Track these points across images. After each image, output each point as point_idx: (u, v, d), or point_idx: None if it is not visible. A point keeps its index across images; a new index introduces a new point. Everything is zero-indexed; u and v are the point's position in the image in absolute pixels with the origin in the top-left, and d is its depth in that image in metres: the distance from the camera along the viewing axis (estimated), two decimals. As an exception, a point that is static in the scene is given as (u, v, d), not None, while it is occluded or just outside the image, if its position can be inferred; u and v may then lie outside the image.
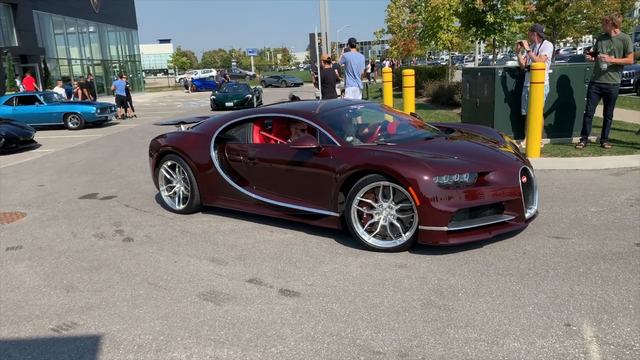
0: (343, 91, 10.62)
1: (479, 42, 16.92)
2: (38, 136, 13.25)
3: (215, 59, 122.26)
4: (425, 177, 3.99)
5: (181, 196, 5.85)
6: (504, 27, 14.69)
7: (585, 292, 3.38)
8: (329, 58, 10.84)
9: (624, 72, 12.80)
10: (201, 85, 41.79)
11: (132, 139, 13.48)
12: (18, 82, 21.59)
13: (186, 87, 43.42)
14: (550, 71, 7.98)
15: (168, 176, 5.95)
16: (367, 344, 2.92)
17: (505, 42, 16.41)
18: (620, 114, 10.64)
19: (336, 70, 11.08)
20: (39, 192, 7.37)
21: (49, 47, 29.74)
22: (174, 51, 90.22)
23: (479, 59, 30.85)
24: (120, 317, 3.40)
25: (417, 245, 4.21)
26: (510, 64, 34.76)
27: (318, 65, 12.48)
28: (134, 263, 4.38)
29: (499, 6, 14.28)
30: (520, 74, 8.11)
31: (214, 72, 52.66)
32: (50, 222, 5.77)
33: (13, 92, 19.94)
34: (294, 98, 14.40)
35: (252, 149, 5.29)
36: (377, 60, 46.48)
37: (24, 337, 3.20)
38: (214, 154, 5.47)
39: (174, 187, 5.94)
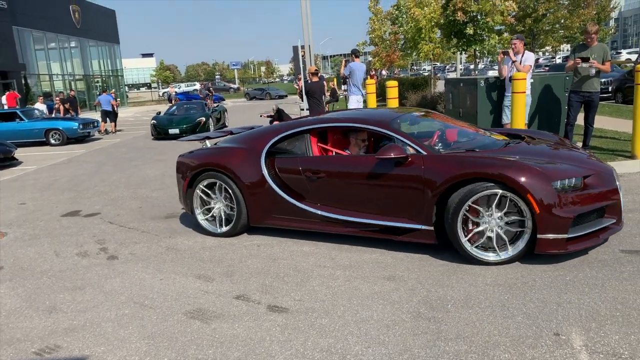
0: (336, 100, 10.77)
1: (461, 53, 17.15)
2: (19, 153, 13.04)
3: (199, 73, 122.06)
4: (544, 183, 3.82)
5: (222, 217, 5.35)
6: (484, 38, 14.93)
7: (573, 301, 3.40)
8: (316, 70, 10.91)
9: (602, 79, 13.05)
10: (185, 98, 41.49)
11: (115, 154, 13.34)
12: (4, 99, 21.19)
13: (170, 100, 42.97)
14: (532, 80, 8.10)
15: (205, 197, 5.44)
16: (357, 359, 2.89)
17: (486, 52, 16.66)
18: (600, 122, 10.82)
19: (331, 83, 11.29)
20: (20, 211, 7.23)
21: (30, 63, 29.41)
22: (157, 65, 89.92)
23: (461, 69, 31.28)
24: (105, 338, 3.33)
25: (405, 258, 4.19)
26: (491, 73, 35.24)
27: (302, 78, 12.53)
28: (119, 282, 4.30)
29: (479, 17, 14.52)
30: (501, 84, 8.21)
31: (197, 86, 52.50)
32: (32, 241, 5.65)
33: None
34: (279, 111, 14.40)
35: (317, 162, 4.89)
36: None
37: (5, 362, 3.11)
38: (265, 170, 5.05)
39: (211, 208, 5.42)
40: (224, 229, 5.34)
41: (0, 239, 5.84)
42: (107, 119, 19.27)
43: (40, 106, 19.47)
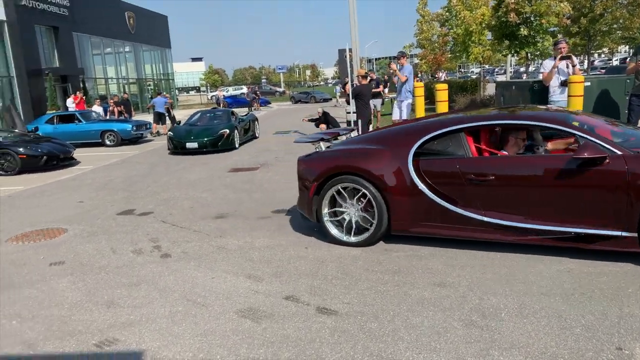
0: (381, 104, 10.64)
1: (512, 55, 16.71)
2: (77, 153, 13.66)
3: (245, 76, 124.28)
4: None
5: (352, 226, 4.94)
6: (538, 40, 14.48)
7: (636, 314, 3.24)
8: (366, 73, 10.86)
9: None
10: (232, 102, 42.41)
11: (167, 155, 13.77)
12: (70, 101, 22.03)
13: (218, 104, 44.15)
14: (588, 84, 7.80)
15: (334, 203, 5.04)
16: (408, 365, 2.86)
17: (538, 54, 16.13)
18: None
19: (381, 86, 11.15)
20: (79, 209, 7.57)
21: (87, 67, 30.80)
22: (206, 69, 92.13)
23: (510, 72, 30.44)
24: (160, 333, 3.44)
25: (455, 264, 4.11)
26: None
27: (349, 81, 12.53)
28: (172, 279, 4.43)
29: (532, 19, 14.09)
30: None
31: (245, 89, 53.47)
32: (90, 238, 5.91)
33: (54, 111, 20.66)
34: (324, 114, 14.45)
35: (483, 164, 4.46)
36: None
37: (68, 353, 3.26)
38: (414, 173, 4.62)
39: (340, 215, 5.02)
40: (357, 238, 4.92)
41: (61, 235, 6.13)
42: (160, 121, 19.90)
43: (97, 109, 20.32)
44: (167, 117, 20.30)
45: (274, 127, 19.80)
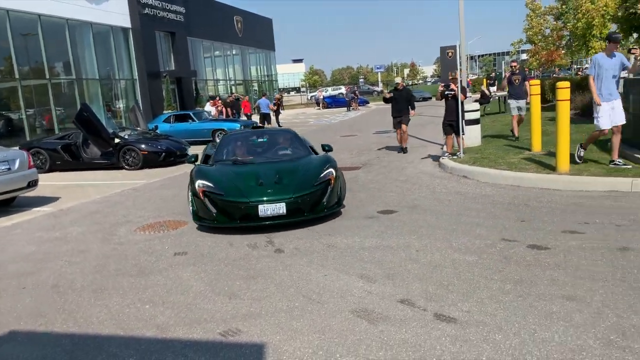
0: (487, 102, 9.75)
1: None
2: (191, 150, 14.58)
3: (343, 76, 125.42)
4: None
5: None
6: (673, 31, 13.00)
7: None
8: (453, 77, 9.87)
9: None
10: (332, 102, 42.98)
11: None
12: (208, 106, 23.42)
13: (317, 104, 45.01)
14: None
15: None
16: (540, 383, 2.68)
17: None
18: None
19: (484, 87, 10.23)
20: (196, 202, 8.03)
21: (199, 70, 32.84)
22: (306, 70, 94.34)
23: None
24: (279, 327, 3.53)
25: (583, 276, 3.78)
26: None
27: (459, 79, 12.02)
28: (287, 274, 4.54)
29: (667, 8, 12.69)
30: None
31: (343, 89, 53.90)
32: (208, 230, 6.24)
33: (170, 111, 22.29)
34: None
35: None
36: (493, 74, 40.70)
37: (196, 339, 3.46)
38: None
39: None
40: None
41: (182, 227, 6.56)
42: (265, 121, 20.70)
43: (209, 108, 21.59)
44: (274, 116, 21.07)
45: (374, 126, 19.73)
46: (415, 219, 6.05)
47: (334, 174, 6.43)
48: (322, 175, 6.33)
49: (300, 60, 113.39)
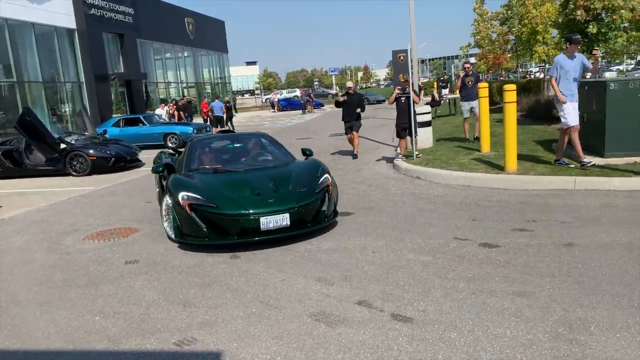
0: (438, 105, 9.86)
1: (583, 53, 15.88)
2: (142, 155, 14.20)
3: (298, 79, 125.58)
4: None
5: None
6: (609, 37, 13.71)
7: None
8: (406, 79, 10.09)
9: None
10: (287, 105, 42.97)
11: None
12: (159, 111, 22.57)
13: (272, 106, 44.84)
14: None
15: None
16: (494, 378, 2.75)
17: (611, 53, 15.25)
18: None
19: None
20: (148, 209, 7.84)
21: (149, 72, 32.04)
22: (260, 72, 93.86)
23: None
24: (236, 334, 3.47)
25: (531, 272, 3.92)
26: (608, 75, 32.36)
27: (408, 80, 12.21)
28: (244, 280, 4.48)
29: (603, 15, 13.37)
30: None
31: (298, 92, 53.95)
32: (161, 237, 6.08)
33: (119, 115, 21.63)
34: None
35: None
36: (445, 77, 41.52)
37: (150, 350, 3.35)
38: None
39: None
40: None
41: (133, 234, 6.36)
42: (219, 124, 20.41)
43: (160, 112, 21.08)
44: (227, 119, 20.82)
45: (329, 129, 19.83)
46: (371, 221, 6.11)
47: (330, 180, 6.04)
48: (319, 182, 5.88)
49: (254, 63, 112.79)
